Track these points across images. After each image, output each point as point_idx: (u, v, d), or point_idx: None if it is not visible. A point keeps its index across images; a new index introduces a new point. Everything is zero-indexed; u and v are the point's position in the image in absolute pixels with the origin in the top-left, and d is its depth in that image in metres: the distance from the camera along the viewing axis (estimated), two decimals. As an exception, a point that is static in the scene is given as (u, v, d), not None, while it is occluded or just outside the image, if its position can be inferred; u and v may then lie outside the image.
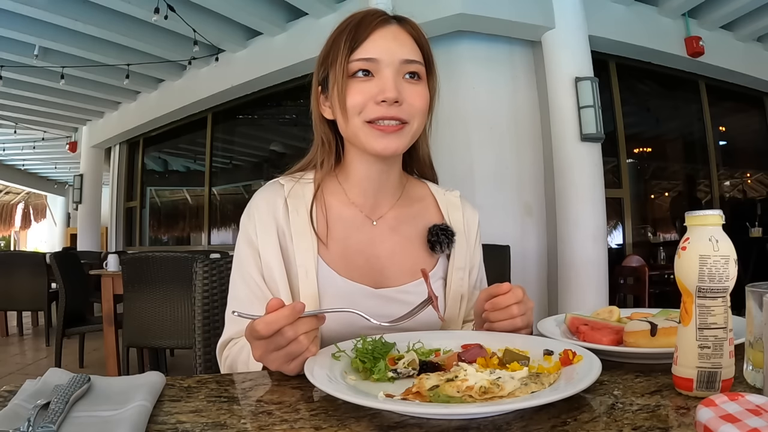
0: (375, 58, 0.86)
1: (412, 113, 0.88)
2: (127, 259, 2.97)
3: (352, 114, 0.87)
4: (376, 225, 0.97)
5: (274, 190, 0.95)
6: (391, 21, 0.90)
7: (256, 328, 0.66)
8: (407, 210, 1.00)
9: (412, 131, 0.90)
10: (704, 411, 0.45)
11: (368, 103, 0.86)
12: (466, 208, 1.06)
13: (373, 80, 0.86)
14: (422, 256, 0.97)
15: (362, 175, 0.95)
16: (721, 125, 5.66)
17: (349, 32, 0.87)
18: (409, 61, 0.87)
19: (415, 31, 0.91)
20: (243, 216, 0.95)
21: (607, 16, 4.24)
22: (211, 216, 6.61)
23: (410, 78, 0.88)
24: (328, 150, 0.96)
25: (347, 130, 0.89)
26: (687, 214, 0.60)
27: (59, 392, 0.54)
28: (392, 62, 0.86)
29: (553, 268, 3.99)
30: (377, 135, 0.87)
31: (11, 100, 6.62)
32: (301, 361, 0.67)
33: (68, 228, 13.30)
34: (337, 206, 0.96)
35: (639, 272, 3.93)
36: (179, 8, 4.20)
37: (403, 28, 0.91)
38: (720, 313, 0.58)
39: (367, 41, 0.87)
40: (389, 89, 0.84)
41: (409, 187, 1.04)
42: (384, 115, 0.85)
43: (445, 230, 0.97)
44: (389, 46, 0.87)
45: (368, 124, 0.87)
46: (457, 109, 3.91)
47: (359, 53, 0.86)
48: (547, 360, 0.69)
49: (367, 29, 0.87)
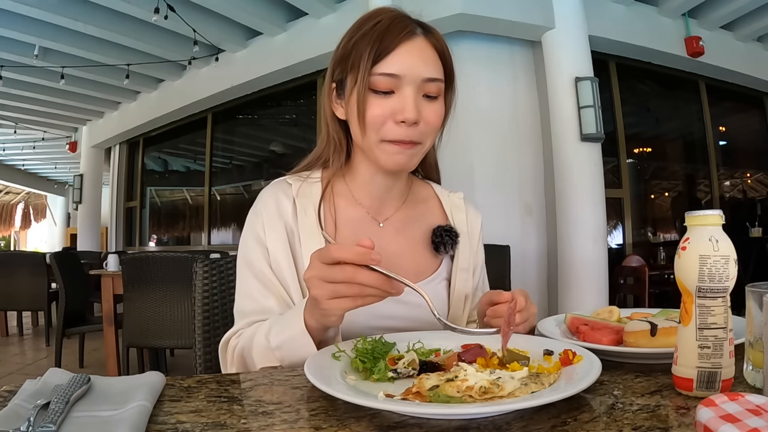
0: (398, 75, 0.84)
1: (427, 132, 0.88)
2: (127, 259, 2.97)
3: (370, 129, 0.86)
4: (383, 227, 0.97)
5: (283, 189, 0.95)
6: (417, 33, 0.87)
7: (329, 248, 0.66)
8: (412, 212, 1.01)
9: (424, 149, 0.90)
10: (704, 411, 0.45)
11: (387, 120, 0.85)
12: (470, 210, 1.06)
13: (394, 97, 0.85)
14: (427, 257, 0.98)
15: (370, 179, 0.95)
16: (721, 125, 5.67)
17: (375, 41, 0.84)
18: (431, 79, 0.86)
19: (439, 44, 0.89)
20: (250, 214, 0.95)
21: (607, 16, 4.24)
22: (211, 216, 6.61)
23: (428, 98, 0.87)
24: (339, 149, 0.95)
25: (363, 142, 0.89)
26: (687, 214, 0.60)
27: (59, 392, 0.54)
28: (415, 80, 0.84)
29: (553, 268, 3.99)
30: (392, 152, 0.87)
31: (11, 100, 6.62)
32: (340, 308, 0.67)
33: (68, 228, 13.31)
34: (344, 207, 0.96)
35: (639, 272, 3.93)
36: (179, 8, 4.20)
37: (428, 41, 0.88)
38: (720, 313, 0.58)
39: (392, 54, 0.84)
40: (410, 110, 0.83)
41: (415, 188, 1.04)
42: (403, 139, 0.85)
43: (449, 231, 0.98)
44: (414, 63, 0.84)
45: (385, 142, 0.86)
46: (457, 109, 3.88)
47: (383, 67, 0.84)
48: (547, 360, 0.69)
49: (393, 41, 0.84)
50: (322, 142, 0.98)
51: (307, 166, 1.00)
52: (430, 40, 0.88)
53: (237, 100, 5.92)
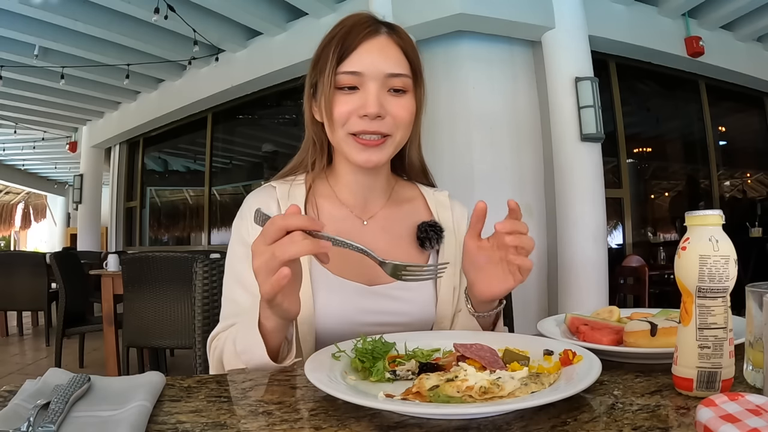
0: (360, 72, 0.87)
1: (395, 125, 0.90)
2: (127, 259, 2.97)
3: (337, 125, 0.89)
4: (367, 225, 0.99)
5: (267, 193, 0.98)
6: (380, 31, 0.91)
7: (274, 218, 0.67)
8: (397, 210, 1.02)
9: (394, 143, 0.92)
10: (704, 411, 0.45)
11: (352, 116, 0.88)
12: (455, 207, 1.08)
13: (357, 93, 0.88)
14: (413, 254, 0.99)
15: (350, 178, 0.98)
16: (721, 125, 5.67)
17: (338, 42, 0.89)
18: (393, 74, 0.89)
19: (403, 41, 0.92)
20: (235, 219, 0.97)
21: (607, 16, 4.24)
22: (211, 216, 6.62)
23: (395, 92, 0.89)
24: (319, 151, 0.99)
25: (333, 139, 0.92)
26: (687, 214, 0.60)
27: (59, 392, 0.54)
28: (376, 76, 0.88)
29: (553, 269, 3.99)
30: (359, 148, 0.89)
31: (11, 100, 6.62)
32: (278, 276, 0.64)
33: (68, 228, 13.31)
34: (328, 207, 0.98)
35: (639, 272, 3.93)
36: (179, 8, 4.21)
37: (391, 38, 0.91)
38: (720, 313, 0.58)
39: (353, 54, 0.88)
40: (371, 104, 0.86)
41: (399, 188, 1.06)
42: (366, 130, 0.88)
43: (434, 226, 0.99)
44: (374, 60, 0.88)
45: (351, 137, 0.89)
46: (457, 109, 3.91)
47: (345, 66, 0.88)
48: (547, 360, 0.69)
49: (354, 41, 0.88)
50: (305, 145, 1.01)
51: (291, 169, 1.02)
52: (393, 37, 0.91)
53: (237, 100, 5.92)
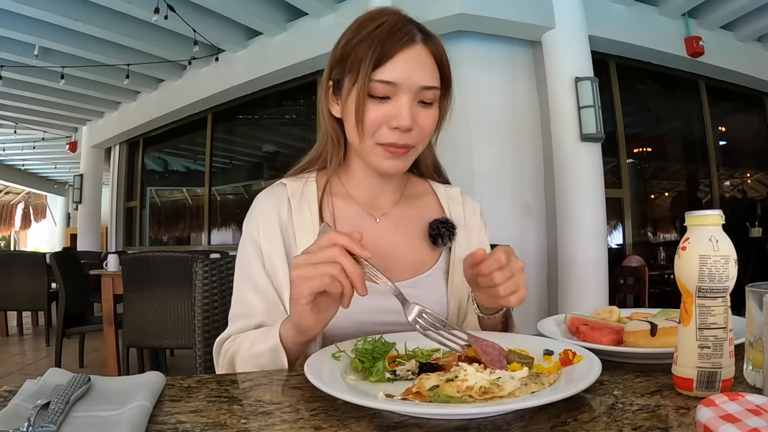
0: (396, 83, 0.85)
1: (421, 138, 0.90)
2: (127, 259, 2.97)
3: (367, 134, 0.88)
4: (379, 222, 0.98)
5: (278, 192, 0.97)
6: (417, 40, 0.88)
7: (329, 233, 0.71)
8: (409, 207, 1.02)
9: (416, 153, 0.93)
10: (704, 411, 0.45)
11: (382, 125, 0.87)
12: (467, 202, 1.07)
13: (390, 103, 0.86)
14: (425, 251, 0.98)
15: (365, 177, 0.97)
16: (721, 125, 5.67)
17: (376, 46, 0.85)
18: (426, 87, 0.87)
19: (438, 51, 0.90)
20: (246, 218, 0.96)
21: (607, 16, 4.24)
22: (211, 216, 6.61)
23: (423, 104, 0.89)
24: (336, 146, 0.97)
25: (359, 145, 0.90)
26: (687, 214, 0.60)
27: (59, 392, 0.54)
28: (411, 88, 0.86)
29: (553, 268, 3.99)
30: (387, 156, 0.89)
31: (11, 100, 6.62)
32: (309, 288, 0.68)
33: (68, 228, 13.30)
34: (340, 205, 0.98)
35: (639, 272, 3.93)
36: (179, 8, 4.20)
37: (427, 48, 0.89)
38: (720, 313, 0.58)
39: (391, 62, 0.85)
40: (404, 117, 0.85)
41: (410, 184, 1.05)
42: (396, 142, 0.87)
43: (446, 223, 0.98)
44: (410, 71, 0.86)
45: (379, 146, 0.88)
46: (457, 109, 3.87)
47: (381, 74, 0.85)
48: (547, 360, 0.69)
49: (392, 48, 0.85)
50: (321, 141, 0.99)
51: (307, 164, 1.01)
52: (429, 47, 0.89)
53: (237, 100, 5.92)
